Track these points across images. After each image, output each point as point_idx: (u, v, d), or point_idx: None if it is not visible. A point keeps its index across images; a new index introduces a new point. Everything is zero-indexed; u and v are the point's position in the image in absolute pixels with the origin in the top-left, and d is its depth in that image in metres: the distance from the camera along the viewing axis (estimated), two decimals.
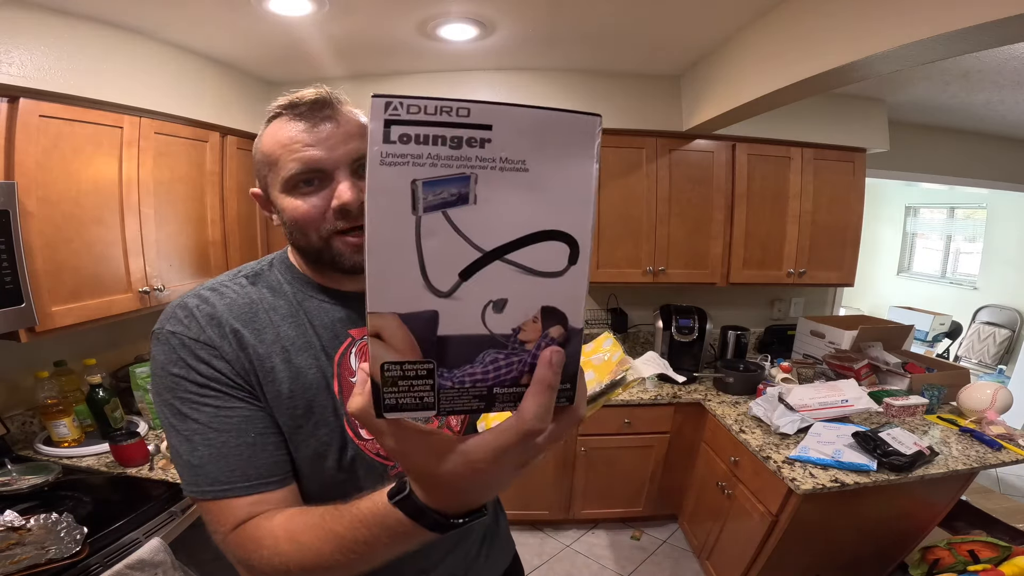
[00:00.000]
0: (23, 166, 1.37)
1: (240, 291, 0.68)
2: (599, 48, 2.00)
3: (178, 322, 0.63)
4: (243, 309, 0.66)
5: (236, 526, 0.58)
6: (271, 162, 0.65)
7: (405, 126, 0.29)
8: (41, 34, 1.42)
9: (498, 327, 0.32)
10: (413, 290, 0.31)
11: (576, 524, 2.56)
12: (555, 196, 0.31)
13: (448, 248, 0.30)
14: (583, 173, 0.31)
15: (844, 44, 1.33)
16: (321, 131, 0.63)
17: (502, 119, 0.30)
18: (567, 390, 0.35)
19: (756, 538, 1.74)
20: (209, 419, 0.60)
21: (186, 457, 0.60)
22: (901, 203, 5.33)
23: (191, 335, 0.62)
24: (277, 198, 0.67)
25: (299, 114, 0.63)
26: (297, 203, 0.65)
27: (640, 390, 2.32)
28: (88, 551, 1.15)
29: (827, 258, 2.55)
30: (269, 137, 0.65)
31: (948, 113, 2.62)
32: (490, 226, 0.31)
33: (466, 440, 0.36)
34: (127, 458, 1.55)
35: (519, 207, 0.31)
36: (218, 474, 0.59)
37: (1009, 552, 1.68)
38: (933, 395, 2.10)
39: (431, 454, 0.36)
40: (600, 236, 2.41)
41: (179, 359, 0.61)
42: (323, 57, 2.03)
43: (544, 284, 0.32)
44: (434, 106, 0.29)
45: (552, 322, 0.33)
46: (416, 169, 0.29)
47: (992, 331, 4.32)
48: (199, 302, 0.65)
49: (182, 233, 1.92)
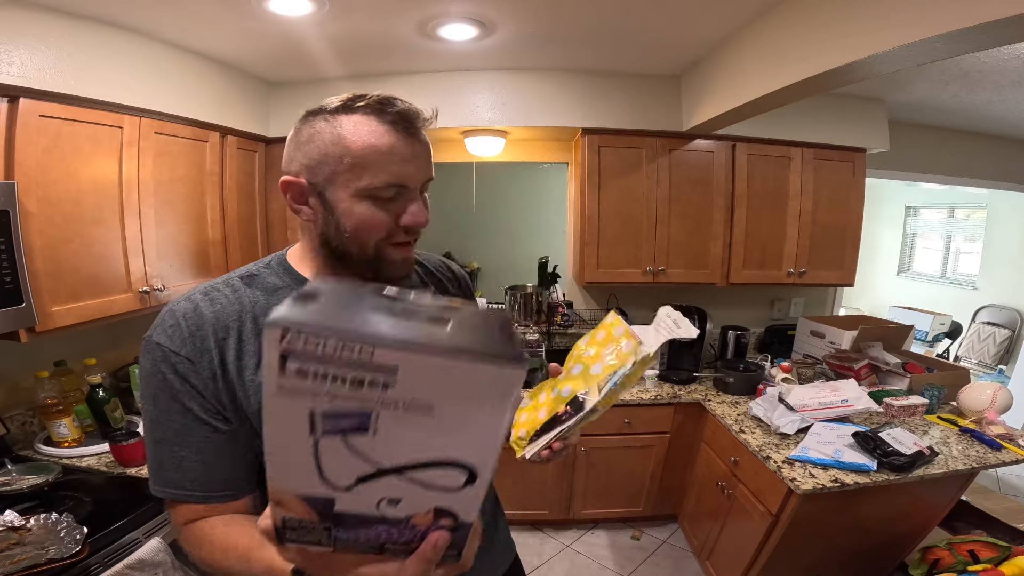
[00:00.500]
0: (23, 166, 1.37)
1: (232, 295, 0.67)
2: (599, 48, 2.00)
3: (164, 333, 0.64)
4: (232, 317, 0.66)
5: (186, 523, 0.65)
6: (358, 163, 0.62)
7: (302, 360, 0.28)
8: (41, 34, 1.42)
9: (392, 514, 0.35)
10: (311, 483, 0.33)
11: (576, 524, 2.55)
12: (460, 436, 0.31)
13: (346, 462, 0.32)
14: (494, 423, 0.31)
15: (844, 44, 1.33)
16: (416, 147, 0.64)
17: (410, 365, 0.28)
18: (453, 555, 0.39)
19: (756, 538, 1.74)
20: (174, 435, 0.63)
21: (153, 461, 0.65)
22: (901, 203, 5.33)
23: (173, 348, 0.63)
24: (342, 199, 0.64)
25: (393, 122, 0.62)
26: (372, 211, 0.64)
27: (640, 390, 2.32)
28: (88, 551, 1.15)
29: (827, 258, 2.55)
30: (360, 135, 0.61)
31: (948, 113, 2.62)
32: (389, 451, 0.31)
33: (360, 567, 0.39)
34: (127, 458, 1.55)
35: (421, 442, 0.31)
36: (178, 482, 0.64)
37: (1009, 552, 1.68)
38: (933, 395, 2.10)
39: (326, 569, 0.40)
40: (600, 236, 2.41)
41: (159, 371, 0.63)
42: (323, 57, 2.03)
43: (439, 494, 0.34)
44: (334, 343, 0.27)
45: (444, 516, 0.35)
46: (315, 401, 0.29)
47: (992, 331, 4.32)
48: (189, 309, 0.65)
49: (182, 233, 1.92)
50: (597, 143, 2.35)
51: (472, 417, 0.31)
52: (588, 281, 2.47)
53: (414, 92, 2.29)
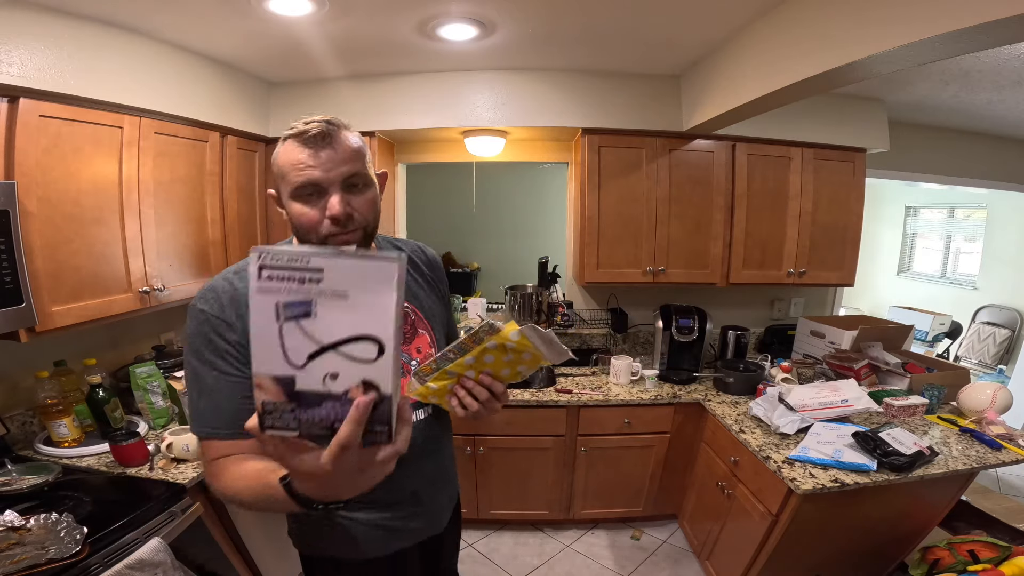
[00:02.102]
0: (23, 166, 1.37)
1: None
2: (599, 48, 2.00)
3: (206, 301, 0.83)
4: None
5: (213, 460, 0.80)
6: (283, 175, 0.83)
7: (270, 270, 0.46)
8: (41, 34, 1.42)
9: (334, 388, 0.49)
10: (279, 364, 0.48)
11: (576, 524, 2.55)
12: (367, 314, 0.47)
13: (299, 343, 0.47)
14: (385, 301, 0.46)
15: (844, 44, 1.33)
16: (321, 156, 0.80)
17: (330, 266, 0.46)
18: (384, 431, 0.51)
19: (756, 538, 1.74)
20: (213, 382, 0.81)
21: (194, 404, 0.82)
22: (901, 203, 5.33)
23: (214, 313, 0.82)
24: (287, 202, 0.84)
25: (303, 141, 0.80)
26: (302, 208, 0.82)
27: (640, 390, 2.32)
28: (88, 551, 1.15)
29: (827, 258, 2.55)
30: (283, 156, 0.83)
31: (948, 113, 2.62)
32: (326, 330, 0.47)
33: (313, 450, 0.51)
34: (127, 458, 1.55)
35: (343, 320, 0.47)
36: (211, 420, 0.81)
37: (1009, 552, 1.68)
38: (933, 395, 2.10)
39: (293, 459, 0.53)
40: (600, 236, 2.41)
41: (201, 332, 0.81)
42: (323, 57, 2.03)
43: (362, 367, 0.48)
44: (287, 257, 0.46)
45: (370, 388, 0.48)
46: (278, 296, 0.46)
47: (992, 331, 4.32)
48: (226, 284, 0.84)
49: (182, 233, 1.92)
50: (597, 143, 2.35)
51: (371, 297, 0.46)
52: (588, 281, 2.48)
53: (414, 92, 2.30)
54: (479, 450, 2.29)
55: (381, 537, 1.00)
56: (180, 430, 1.63)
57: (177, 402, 1.85)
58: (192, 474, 1.52)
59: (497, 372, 0.83)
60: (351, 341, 0.47)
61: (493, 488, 2.40)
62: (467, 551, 2.38)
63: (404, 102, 2.31)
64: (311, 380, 0.48)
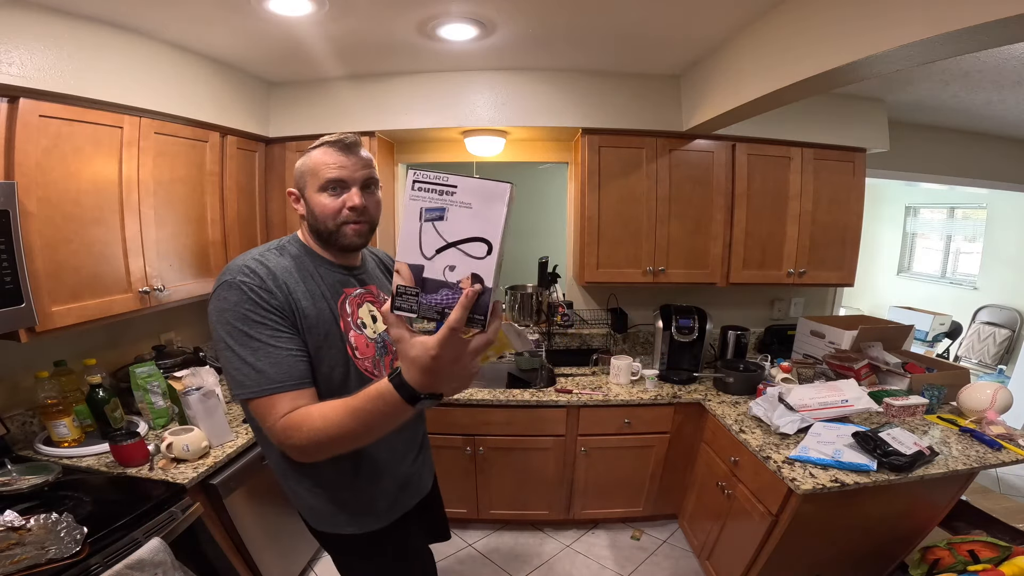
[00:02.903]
0: (23, 166, 1.37)
1: (277, 260, 1.01)
2: (599, 48, 2.00)
3: (246, 275, 0.93)
4: (284, 270, 0.99)
5: (283, 415, 0.86)
6: (314, 171, 1.01)
7: (420, 184, 0.62)
8: (41, 34, 1.42)
9: (451, 278, 0.63)
10: (415, 254, 0.63)
11: (576, 524, 2.55)
12: (483, 221, 0.62)
13: (432, 239, 0.63)
14: (498, 211, 0.62)
15: (844, 44, 1.33)
16: (350, 159, 1.01)
17: (461, 184, 0.62)
18: (480, 320, 0.63)
19: (756, 538, 1.74)
20: (268, 338, 0.91)
21: (251, 364, 0.89)
22: (901, 203, 5.33)
23: (257, 284, 0.93)
24: (312, 196, 1.02)
25: (336, 146, 1.01)
26: (327, 199, 1.01)
27: (640, 390, 2.32)
28: (88, 551, 1.15)
29: (827, 258, 2.55)
30: (317, 157, 1.01)
31: (948, 113, 2.62)
32: (452, 231, 0.62)
33: (426, 336, 0.64)
34: (127, 458, 1.55)
35: (466, 224, 0.62)
36: (275, 375, 0.89)
37: (1009, 552, 1.68)
38: (933, 395, 2.10)
39: (408, 340, 0.65)
40: (600, 236, 2.41)
41: (248, 299, 0.91)
42: (323, 57, 2.03)
43: (474, 262, 0.63)
44: (432, 176, 0.62)
45: (477, 281, 0.62)
46: (422, 203, 0.62)
47: (992, 331, 4.32)
48: (257, 264, 0.96)
49: (182, 233, 1.92)
50: (597, 143, 2.35)
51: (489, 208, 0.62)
52: (588, 281, 2.48)
53: (414, 92, 2.30)
54: (479, 450, 2.29)
55: (384, 507, 1.14)
56: (180, 430, 1.63)
57: (177, 402, 1.85)
58: (192, 474, 1.52)
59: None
60: (469, 241, 0.62)
61: (493, 488, 2.40)
62: (467, 551, 2.38)
63: (404, 102, 2.31)
64: (435, 270, 0.63)
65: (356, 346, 1.05)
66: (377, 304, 1.13)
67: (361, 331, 1.07)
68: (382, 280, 1.20)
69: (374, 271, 1.20)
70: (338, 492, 1.10)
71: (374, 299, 1.13)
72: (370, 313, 1.11)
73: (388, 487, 1.14)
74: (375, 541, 1.15)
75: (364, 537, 1.13)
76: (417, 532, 1.28)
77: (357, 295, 1.10)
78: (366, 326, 1.09)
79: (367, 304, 1.11)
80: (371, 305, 1.12)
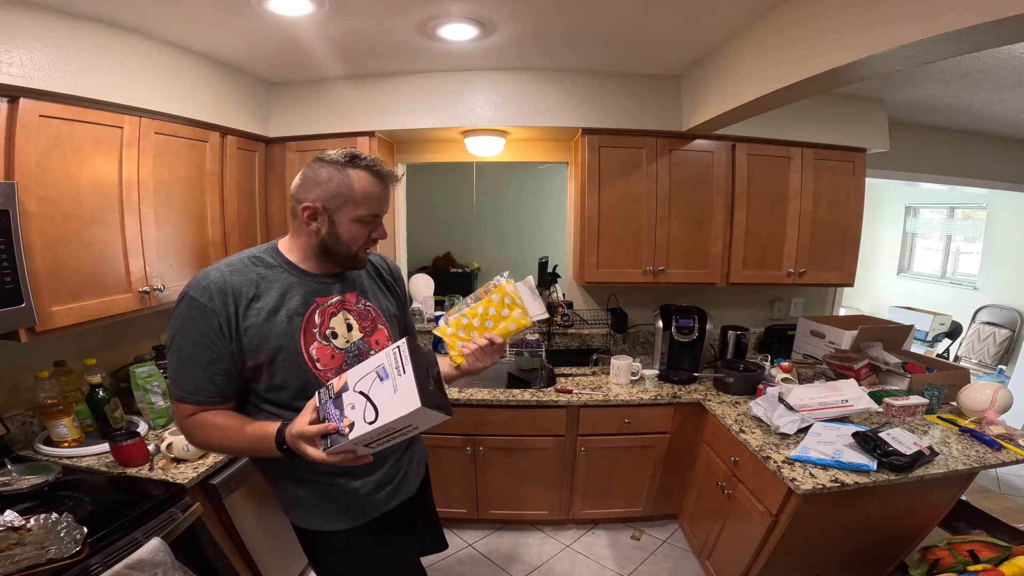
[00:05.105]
0: (23, 166, 1.37)
1: (245, 268, 1.05)
2: (599, 48, 2.00)
3: (198, 290, 1.00)
4: (248, 283, 1.03)
5: (187, 417, 1.03)
6: (357, 200, 1.04)
7: (402, 352, 0.89)
8: (41, 34, 1.42)
9: (346, 410, 0.89)
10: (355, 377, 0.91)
11: (576, 524, 2.56)
12: (390, 406, 0.84)
13: (366, 381, 0.88)
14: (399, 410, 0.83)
15: (844, 44, 1.33)
16: (386, 193, 1.08)
17: (407, 374, 0.84)
18: (329, 443, 0.88)
19: (756, 538, 1.74)
20: (192, 356, 1.00)
21: (175, 369, 1.02)
22: (901, 203, 5.33)
23: (203, 301, 0.99)
24: (345, 222, 1.05)
25: (380, 177, 1.06)
26: (360, 229, 1.07)
27: (640, 390, 2.32)
28: (88, 551, 1.15)
29: (827, 258, 2.55)
30: (362, 185, 1.04)
31: (948, 113, 2.62)
32: (376, 390, 0.87)
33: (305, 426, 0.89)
34: (127, 458, 1.55)
35: (385, 396, 0.85)
36: (186, 387, 1.01)
37: (1009, 552, 1.68)
38: (933, 395, 2.10)
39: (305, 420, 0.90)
40: (600, 236, 2.41)
41: (191, 316, 0.99)
42: (323, 57, 2.03)
43: (362, 417, 0.85)
44: (404, 355, 0.87)
45: (349, 428, 0.86)
46: (387, 361, 0.89)
47: (992, 331, 4.32)
48: (218, 276, 1.01)
49: (182, 233, 1.92)
50: (597, 143, 2.35)
51: (398, 404, 0.83)
52: (588, 281, 2.48)
53: (414, 92, 2.30)
54: (479, 450, 2.29)
55: (366, 504, 1.17)
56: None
57: None
58: (192, 474, 1.52)
59: (495, 329, 1.15)
60: (373, 406, 0.85)
61: (493, 488, 2.40)
62: (467, 551, 2.38)
63: (404, 102, 2.31)
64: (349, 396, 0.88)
65: (318, 358, 1.06)
66: (353, 312, 1.13)
67: (328, 342, 1.07)
68: (366, 285, 1.21)
69: (359, 276, 1.20)
70: (315, 487, 1.14)
71: (351, 307, 1.13)
72: (345, 322, 1.11)
73: (361, 488, 1.15)
74: (348, 539, 1.16)
75: (338, 535, 1.15)
76: (402, 536, 1.27)
77: (332, 304, 1.10)
78: (337, 336, 1.09)
79: (343, 312, 1.12)
80: (347, 313, 1.12)
